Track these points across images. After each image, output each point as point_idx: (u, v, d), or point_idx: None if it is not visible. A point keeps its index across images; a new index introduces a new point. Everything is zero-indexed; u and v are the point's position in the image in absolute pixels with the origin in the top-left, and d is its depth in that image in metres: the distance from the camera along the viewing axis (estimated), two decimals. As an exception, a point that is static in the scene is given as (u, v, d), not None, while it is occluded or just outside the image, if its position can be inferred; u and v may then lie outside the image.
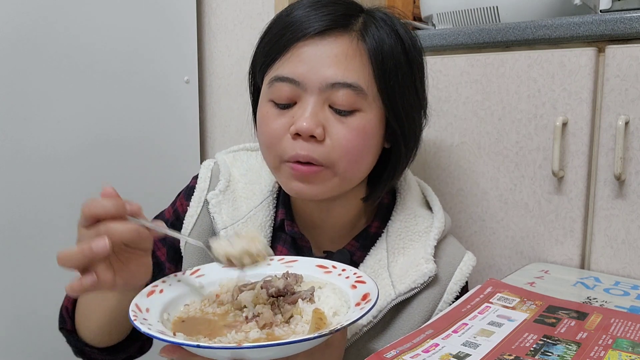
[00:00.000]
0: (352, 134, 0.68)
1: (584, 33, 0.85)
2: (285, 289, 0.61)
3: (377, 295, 0.56)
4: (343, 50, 0.68)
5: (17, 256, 1.08)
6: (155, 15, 1.27)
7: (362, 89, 0.67)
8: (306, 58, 0.67)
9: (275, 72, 0.69)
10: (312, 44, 0.67)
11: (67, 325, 0.76)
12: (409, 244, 0.76)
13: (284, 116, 0.69)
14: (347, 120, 0.68)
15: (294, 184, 0.70)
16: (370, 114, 0.69)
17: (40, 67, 1.08)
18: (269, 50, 0.71)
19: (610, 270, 0.86)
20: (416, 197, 0.82)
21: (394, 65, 0.69)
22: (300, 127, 0.66)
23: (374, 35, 0.69)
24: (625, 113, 0.83)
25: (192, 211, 0.79)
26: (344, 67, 0.67)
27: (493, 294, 0.68)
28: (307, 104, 0.67)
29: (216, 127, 1.43)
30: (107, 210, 0.55)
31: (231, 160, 0.84)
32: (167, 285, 0.63)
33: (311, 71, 0.67)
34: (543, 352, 0.52)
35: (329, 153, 0.68)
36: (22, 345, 1.10)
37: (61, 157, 1.13)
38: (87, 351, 0.76)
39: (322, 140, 0.67)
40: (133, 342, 0.77)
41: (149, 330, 0.51)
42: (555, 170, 0.87)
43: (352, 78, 0.67)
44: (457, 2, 1.05)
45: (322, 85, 0.67)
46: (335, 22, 0.68)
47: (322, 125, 0.67)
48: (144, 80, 1.26)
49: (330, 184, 0.70)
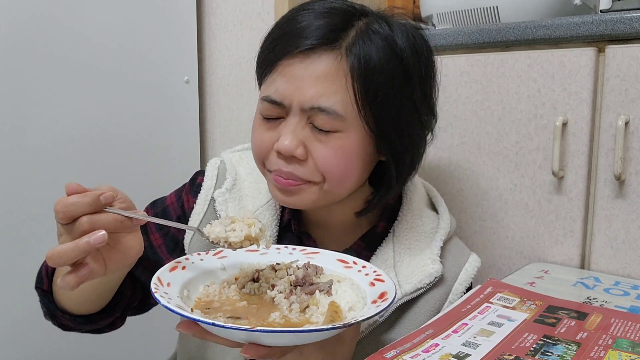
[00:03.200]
0: (331, 154, 0.68)
1: (584, 33, 0.85)
2: (304, 279, 0.62)
3: (395, 295, 0.57)
4: (325, 70, 0.66)
5: (18, 256, 1.07)
6: (155, 15, 1.27)
7: (338, 114, 0.66)
8: (290, 78, 0.68)
9: (264, 91, 0.71)
10: (298, 62, 0.67)
11: (43, 285, 0.75)
12: (415, 245, 0.77)
13: (272, 130, 0.70)
14: (327, 139, 0.68)
15: (276, 193, 0.72)
16: (351, 134, 0.68)
17: (41, 66, 1.08)
18: (261, 63, 0.72)
19: (610, 270, 0.86)
20: (422, 198, 0.82)
21: (383, 83, 0.67)
22: (281, 147, 0.67)
23: (361, 52, 0.66)
24: (625, 113, 0.83)
25: (198, 208, 0.79)
26: (323, 89, 0.66)
27: (493, 294, 0.68)
28: (289, 124, 0.68)
29: (216, 127, 1.43)
30: (84, 210, 0.56)
31: (237, 159, 0.85)
32: (190, 263, 0.65)
33: (295, 92, 0.67)
34: (543, 352, 0.52)
35: (311, 172, 0.68)
36: (22, 345, 1.10)
37: (61, 156, 1.13)
38: (58, 315, 0.75)
39: (305, 159, 0.68)
40: (107, 315, 0.77)
41: (168, 304, 0.52)
42: (555, 170, 0.87)
43: (328, 102, 0.66)
44: (457, 2, 1.05)
45: (303, 107, 0.67)
46: (323, 37, 0.67)
47: (303, 144, 0.68)
48: (144, 80, 1.26)
49: (313, 196, 0.70)
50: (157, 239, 0.81)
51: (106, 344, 1.21)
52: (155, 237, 0.81)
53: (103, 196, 0.57)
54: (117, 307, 0.77)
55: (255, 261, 0.68)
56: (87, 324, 0.76)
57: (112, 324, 0.80)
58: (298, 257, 0.69)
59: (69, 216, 0.56)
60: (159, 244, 0.81)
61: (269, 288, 0.62)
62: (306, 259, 0.68)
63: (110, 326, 0.80)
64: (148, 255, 0.79)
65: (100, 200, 0.57)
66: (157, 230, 0.81)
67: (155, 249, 0.80)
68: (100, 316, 0.76)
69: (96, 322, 0.76)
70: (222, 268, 0.67)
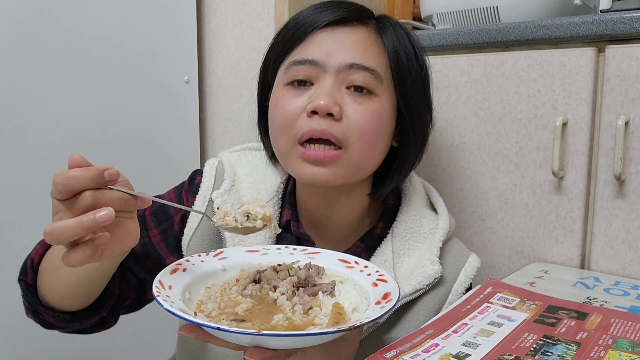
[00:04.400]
0: (367, 115, 0.69)
1: (584, 33, 0.85)
2: (306, 279, 0.62)
3: (399, 296, 0.57)
4: (361, 39, 0.70)
5: (18, 256, 1.07)
6: (155, 15, 1.27)
7: (379, 74, 0.70)
8: (324, 43, 0.70)
9: (293, 57, 0.71)
10: (330, 31, 0.70)
11: (27, 277, 0.72)
12: (414, 245, 0.76)
13: (301, 97, 0.70)
14: (364, 101, 0.69)
15: (306, 168, 0.70)
16: (385, 101, 0.71)
17: (41, 66, 1.08)
18: (285, 41, 0.73)
19: (610, 270, 0.86)
20: (421, 199, 0.82)
21: (408, 62, 0.72)
22: (317, 105, 0.67)
23: (388, 31, 0.72)
24: (625, 113, 0.83)
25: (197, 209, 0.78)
26: (363, 52, 0.69)
27: (493, 294, 0.68)
28: (324, 84, 0.69)
29: (216, 127, 1.43)
30: (86, 185, 0.52)
31: (236, 159, 0.84)
32: (191, 265, 0.64)
33: (329, 54, 0.69)
34: (543, 352, 0.52)
35: (345, 132, 0.68)
36: (22, 345, 1.10)
37: (61, 156, 1.13)
38: (40, 311, 0.71)
39: (339, 119, 0.68)
40: (93, 313, 0.73)
41: (170, 308, 0.51)
42: (555, 170, 0.87)
43: (369, 62, 0.69)
44: (457, 2, 1.05)
45: (341, 66, 0.68)
46: (352, 13, 0.71)
47: (339, 104, 0.68)
48: (144, 80, 1.26)
49: (343, 168, 0.70)
50: (156, 235, 0.79)
51: (106, 344, 1.21)
52: (154, 233, 0.79)
53: (107, 172, 0.53)
54: (104, 305, 0.74)
55: (256, 262, 0.67)
56: (72, 321, 0.72)
57: (102, 323, 0.77)
58: (299, 258, 0.68)
59: (69, 190, 0.51)
60: (157, 241, 0.79)
61: (271, 289, 0.61)
62: (307, 259, 0.67)
63: (101, 325, 0.77)
64: (149, 251, 0.79)
65: (104, 176, 0.53)
66: (156, 227, 0.79)
67: (155, 245, 0.79)
68: (86, 314, 0.73)
69: (81, 319, 0.72)
70: (223, 269, 0.66)
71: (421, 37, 1.02)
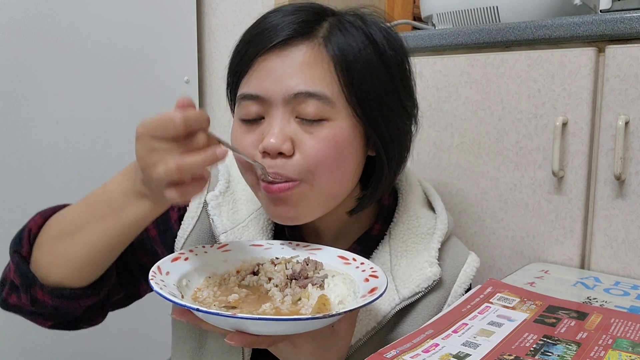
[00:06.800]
0: (321, 144, 0.65)
1: (584, 33, 0.85)
2: (300, 273, 0.64)
3: (385, 290, 0.57)
4: (304, 59, 0.65)
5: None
6: (155, 15, 1.27)
7: (327, 97, 0.64)
8: (268, 72, 0.65)
9: (242, 90, 0.68)
10: (274, 56, 0.66)
11: (22, 249, 0.68)
12: (412, 247, 0.75)
13: (254, 133, 0.67)
14: (315, 130, 0.65)
15: (274, 209, 0.68)
16: (341, 122, 0.66)
17: (41, 66, 1.09)
18: (235, 68, 0.70)
19: (610, 270, 0.86)
20: (418, 198, 0.80)
21: (365, 70, 0.66)
22: (266, 145, 0.64)
23: (338, 41, 0.66)
24: (625, 113, 0.83)
25: (191, 212, 0.77)
26: (305, 76, 0.64)
27: (493, 294, 0.68)
28: (273, 119, 0.65)
29: (216, 127, 1.43)
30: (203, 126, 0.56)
31: (230, 159, 0.82)
32: (193, 255, 0.66)
33: (274, 84, 0.65)
34: (543, 352, 0.52)
35: (299, 167, 0.65)
36: (22, 345, 1.10)
37: (60, 156, 1.13)
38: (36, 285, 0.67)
39: (291, 155, 0.65)
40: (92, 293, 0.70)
41: (160, 290, 0.53)
42: (555, 170, 0.87)
43: (314, 87, 0.64)
44: (457, 2, 1.05)
45: (286, 97, 0.65)
46: (296, 30, 0.66)
47: (289, 139, 0.65)
48: (144, 80, 1.26)
49: (313, 203, 0.67)
50: (152, 229, 0.78)
51: (105, 345, 1.21)
52: (150, 227, 0.77)
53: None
54: (103, 286, 0.71)
55: (258, 256, 0.69)
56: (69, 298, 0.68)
57: (90, 318, 0.75)
58: (300, 253, 0.70)
59: (190, 130, 0.55)
60: (153, 235, 0.78)
61: (267, 281, 0.63)
62: (308, 254, 0.68)
63: (89, 320, 0.76)
64: (145, 246, 0.77)
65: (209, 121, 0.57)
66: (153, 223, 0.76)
67: (152, 239, 0.78)
68: (86, 292, 0.69)
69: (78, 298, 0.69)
70: (225, 261, 0.67)
71: (421, 37, 1.02)
